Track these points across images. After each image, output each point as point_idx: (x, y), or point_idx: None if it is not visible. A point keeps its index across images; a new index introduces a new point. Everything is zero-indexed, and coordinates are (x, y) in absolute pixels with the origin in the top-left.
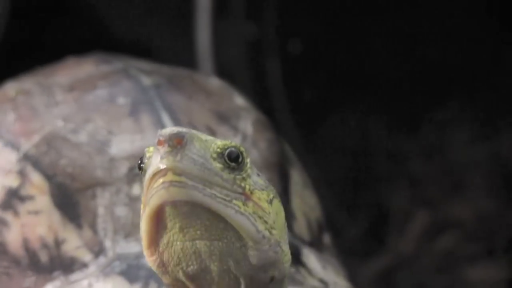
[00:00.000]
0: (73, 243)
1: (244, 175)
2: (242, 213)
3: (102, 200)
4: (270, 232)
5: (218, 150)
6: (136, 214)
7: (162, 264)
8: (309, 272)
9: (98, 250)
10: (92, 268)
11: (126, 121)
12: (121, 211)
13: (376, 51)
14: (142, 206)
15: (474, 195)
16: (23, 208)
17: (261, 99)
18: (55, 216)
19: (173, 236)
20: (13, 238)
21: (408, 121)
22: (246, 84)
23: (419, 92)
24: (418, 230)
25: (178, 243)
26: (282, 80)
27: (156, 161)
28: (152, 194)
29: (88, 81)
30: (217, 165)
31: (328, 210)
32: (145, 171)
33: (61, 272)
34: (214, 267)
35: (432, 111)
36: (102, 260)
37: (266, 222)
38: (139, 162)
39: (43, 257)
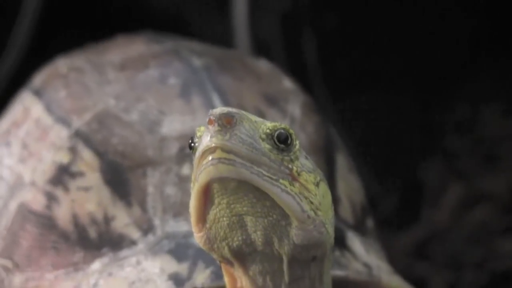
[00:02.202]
0: (122, 220)
1: (292, 157)
2: (288, 192)
3: (152, 179)
4: (315, 213)
5: (268, 131)
6: (185, 193)
7: (209, 241)
8: (354, 255)
9: (147, 228)
10: (140, 246)
11: (177, 101)
12: (170, 190)
13: (410, 25)
14: (192, 183)
15: (507, 168)
16: (73, 184)
17: (296, 73)
18: (105, 193)
19: (219, 212)
20: (63, 214)
21: (441, 96)
22: (281, 57)
23: (452, 66)
24: (452, 202)
25: (225, 218)
26: (317, 53)
27: (206, 139)
28: (201, 170)
29: (139, 60)
30: (266, 146)
31: (363, 183)
32: (196, 150)
33: (110, 248)
34: (258, 242)
35: (465, 85)
36: (150, 238)
37: (311, 203)
38: (190, 141)
39: (92, 233)
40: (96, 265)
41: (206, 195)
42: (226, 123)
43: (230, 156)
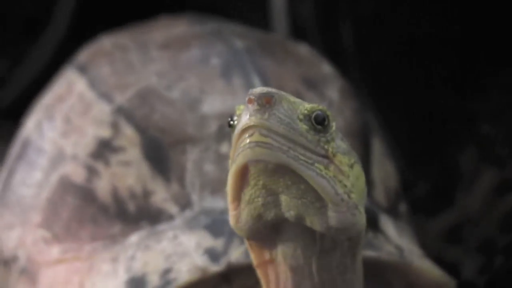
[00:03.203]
0: (161, 195)
1: (329, 138)
2: (323, 176)
3: (191, 156)
4: (349, 196)
5: (305, 111)
6: (223, 171)
7: (241, 220)
8: (386, 238)
9: (184, 204)
10: (178, 221)
11: (218, 81)
12: (209, 167)
13: (444, 14)
14: (230, 161)
15: None
16: (114, 158)
17: (332, 57)
18: (145, 168)
19: (255, 193)
20: (103, 187)
21: (476, 83)
22: (318, 42)
23: (487, 54)
24: (485, 188)
25: (260, 199)
26: (353, 38)
27: (245, 118)
28: (239, 152)
29: (182, 40)
30: (303, 126)
31: (398, 167)
32: (234, 128)
33: (148, 222)
34: (291, 220)
35: (500, 72)
36: (188, 213)
37: (345, 185)
38: (229, 119)
39: (131, 206)
40: (134, 238)
41: (243, 175)
42: (265, 103)
43: (267, 140)
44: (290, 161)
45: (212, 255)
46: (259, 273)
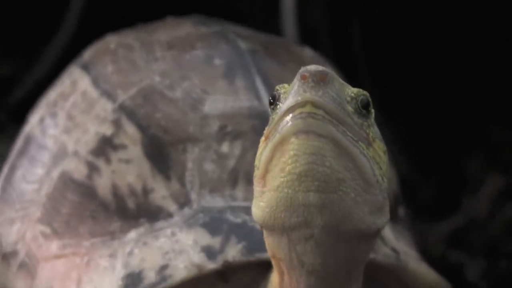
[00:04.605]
0: (160, 193)
1: (370, 123)
2: (365, 155)
3: (191, 155)
4: (383, 179)
5: (352, 94)
6: (223, 170)
7: (264, 202)
8: (383, 240)
9: (183, 202)
10: (176, 218)
11: (221, 82)
12: (208, 166)
13: (457, 11)
14: (263, 139)
15: None
16: (115, 156)
17: (342, 60)
18: (145, 166)
19: (287, 182)
20: (103, 184)
21: (487, 87)
22: (328, 45)
23: (500, 58)
24: (491, 193)
25: (290, 191)
26: (363, 41)
27: (298, 94)
28: (287, 122)
29: (186, 40)
30: (350, 108)
31: (404, 170)
32: (275, 106)
33: (146, 219)
34: (320, 222)
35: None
36: (187, 211)
37: (381, 168)
38: (270, 98)
39: (130, 204)
40: (132, 234)
41: (283, 150)
42: (320, 80)
43: (320, 112)
44: (339, 135)
45: (209, 253)
46: (273, 263)
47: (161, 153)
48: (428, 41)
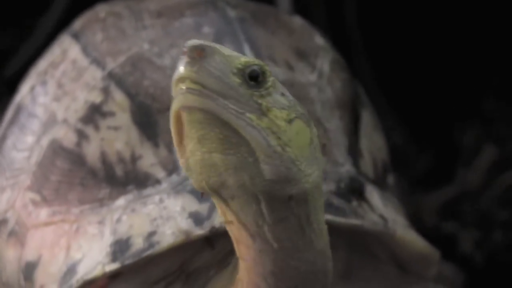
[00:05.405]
0: (149, 160)
1: (263, 93)
2: (253, 126)
3: None
4: (283, 149)
5: (239, 66)
6: None
7: (189, 169)
8: (371, 207)
9: (171, 169)
10: (164, 185)
11: None
12: None
13: None
14: None
15: None
16: (103, 123)
17: (336, 36)
18: (134, 133)
19: (194, 146)
20: (92, 151)
21: (482, 59)
22: (322, 21)
23: (494, 32)
24: (485, 164)
25: (198, 153)
26: (358, 18)
27: (177, 69)
28: (174, 98)
29: (176, 8)
30: (236, 80)
31: (399, 142)
32: None
33: (135, 186)
34: (231, 181)
35: (507, 51)
36: (174, 178)
37: (279, 138)
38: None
39: (119, 171)
40: (121, 201)
41: (181, 123)
42: (196, 55)
43: (197, 87)
44: (218, 109)
45: (197, 219)
46: (228, 230)
47: (149, 121)
48: (423, 14)
